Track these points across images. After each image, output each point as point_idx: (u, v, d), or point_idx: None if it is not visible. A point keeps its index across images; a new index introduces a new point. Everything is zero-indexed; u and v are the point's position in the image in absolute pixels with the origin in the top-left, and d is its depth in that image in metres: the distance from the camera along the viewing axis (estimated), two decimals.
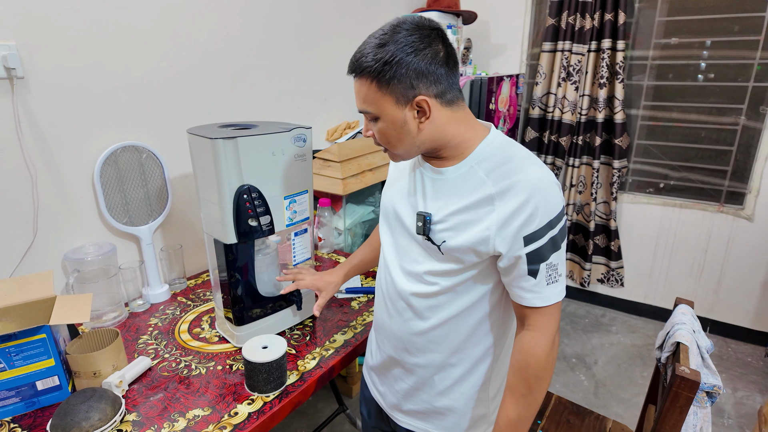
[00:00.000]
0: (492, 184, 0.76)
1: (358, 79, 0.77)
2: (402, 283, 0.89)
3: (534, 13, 2.72)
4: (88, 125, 1.27)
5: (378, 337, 1.00)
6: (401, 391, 0.96)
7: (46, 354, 0.93)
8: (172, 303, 1.38)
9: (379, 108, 0.77)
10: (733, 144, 2.38)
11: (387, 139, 0.81)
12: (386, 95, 0.75)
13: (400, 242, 0.90)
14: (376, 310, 1.00)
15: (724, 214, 2.44)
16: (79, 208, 1.29)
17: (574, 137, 2.65)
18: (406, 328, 0.90)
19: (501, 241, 0.76)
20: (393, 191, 0.93)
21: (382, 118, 0.78)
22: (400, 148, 0.81)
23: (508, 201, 0.75)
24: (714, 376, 1.02)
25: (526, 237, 0.75)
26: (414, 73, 0.73)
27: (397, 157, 0.85)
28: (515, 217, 0.74)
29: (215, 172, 1.01)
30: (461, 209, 0.79)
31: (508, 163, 0.77)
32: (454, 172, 0.81)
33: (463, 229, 0.78)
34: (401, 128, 0.78)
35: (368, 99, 0.77)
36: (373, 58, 0.74)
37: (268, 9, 1.74)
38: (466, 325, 0.86)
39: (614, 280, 2.78)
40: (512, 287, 0.80)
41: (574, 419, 1.38)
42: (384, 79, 0.74)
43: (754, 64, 2.25)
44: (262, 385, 0.98)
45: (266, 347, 1.00)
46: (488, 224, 0.76)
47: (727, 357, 2.43)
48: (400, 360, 0.94)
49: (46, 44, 1.16)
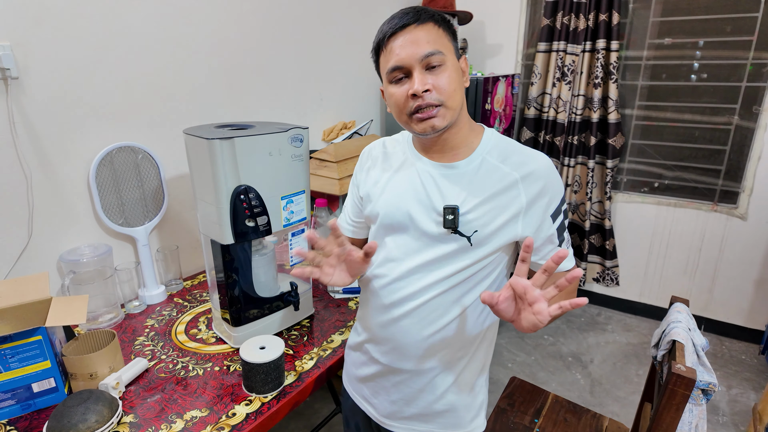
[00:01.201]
0: (513, 170, 0.81)
1: (421, 25, 0.78)
2: (411, 287, 0.85)
3: (529, 14, 2.74)
4: (84, 126, 1.27)
5: (372, 349, 0.94)
6: (402, 398, 0.92)
7: (42, 356, 0.92)
8: (168, 304, 1.38)
9: (448, 51, 0.79)
10: (726, 143, 2.40)
11: (452, 86, 0.79)
12: (450, 43, 0.81)
13: (413, 246, 0.85)
14: (371, 323, 0.93)
15: (718, 213, 2.46)
16: (75, 209, 1.29)
17: (569, 137, 2.66)
18: (413, 331, 0.86)
19: (528, 223, 0.81)
20: (393, 198, 0.87)
21: (449, 63, 0.79)
22: (458, 99, 0.80)
23: (531, 185, 0.80)
24: (709, 373, 1.03)
25: (552, 215, 0.83)
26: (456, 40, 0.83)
27: (446, 119, 0.79)
28: (540, 199, 0.81)
29: (212, 172, 1.00)
30: (490, 197, 0.81)
31: (516, 152, 0.83)
32: (467, 165, 0.83)
33: (495, 216, 0.81)
34: (460, 78, 0.81)
35: (439, 42, 0.78)
36: (435, 11, 0.80)
37: (265, 9, 1.74)
38: (472, 316, 0.86)
39: (609, 279, 2.80)
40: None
41: (570, 418, 1.38)
42: (450, 30, 0.81)
43: (746, 64, 2.27)
44: (260, 385, 0.98)
45: (264, 348, 1.00)
46: (518, 207, 0.81)
47: (721, 355, 2.44)
48: (401, 368, 0.90)
49: (41, 45, 1.15)
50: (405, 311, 0.87)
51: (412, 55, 0.77)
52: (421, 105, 0.78)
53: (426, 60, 0.77)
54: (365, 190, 0.95)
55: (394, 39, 0.79)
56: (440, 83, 0.78)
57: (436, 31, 0.78)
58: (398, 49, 0.78)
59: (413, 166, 0.87)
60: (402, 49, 0.78)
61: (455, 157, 0.84)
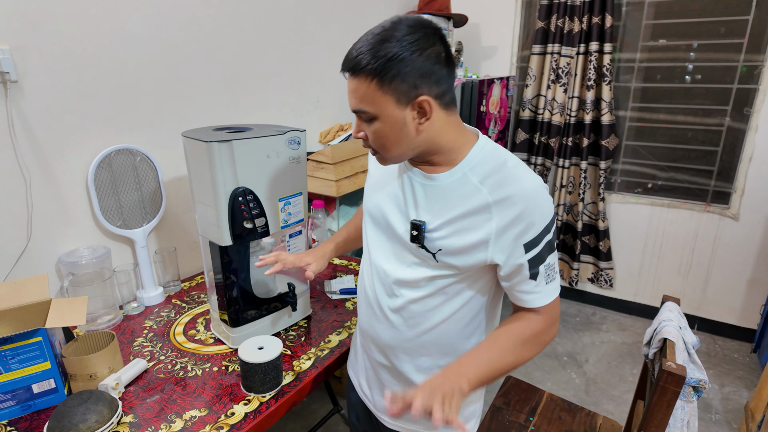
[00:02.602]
0: (488, 192, 0.76)
1: (356, 77, 0.73)
2: (394, 288, 0.88)
3: (523, 16, 2.76)
4: (82, 129, 1.28)
5: (364, 341, 0.99)
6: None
7: (42, 357, 0.93)
8: (166, 305, 1.39)
9: (378, 107, 0.73)
10: (718, 144, 2.43)
11: (383, 141, 0.77)
12: (387, 94, 0.72)
13: (393, 248, 0.88)
14: (361, 316, 0.98)
15: (711, 213, 2.49)
16: (74, 212, 1.30)
17: (564, 138, 2.69)
18: (397, 333, 0.89)
19: (499, 249, 0.77)
20: (380, 197, 0.90)
21: (381, 119, 0.74)
22: (395, 150, 0.78)
23: (505, 210, 0.75)
24: (700, 370, 1.05)
25: (526, 244, 0.76)
26: (417, 72, 0.70)
27: (387, 161, 0.82)
28: (513, 226, 0.75)
29: (210, 174, 1.02)
30: (457, 217, 0.78)
31: (501, 171, 0.77)
32: (446, 179, 0.80)
33: (460, 237, 0.78)
34: (400, 129, 0.75)
35: (367, 98, 0.73)
36: (374, 55, 0.70)
37: (261, 12, 1.75)
38: (456, 327, 0.87)
39: (603, 280, 2.82)
40: (514, 291, 0.82)
41: (565, 416, 1.40)
42: (386, 78, 0.70)
43: (738, 66, 2.30)
44: (258, 385, 0.99)
45: (262, 348, 1.01)
46: (486, 232, 0.76)
47: (714, 353, 2.47)
48: (389, 365, 0.94)
49: (40, 48, 1.16)
50: (385, 313, 0.90)
51: (350, 105, 0.77)
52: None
53: (357, 114, 0.77)
54: (366, 184, 0.99)
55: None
56: (370, 135, 0.78)
57: (367, 87, 0.72)
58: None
59: (403, 172, 0.87)
60: (348, 94, 0.78)
61: (437, 169, 0.81)
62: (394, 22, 0.72)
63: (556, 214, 2.80)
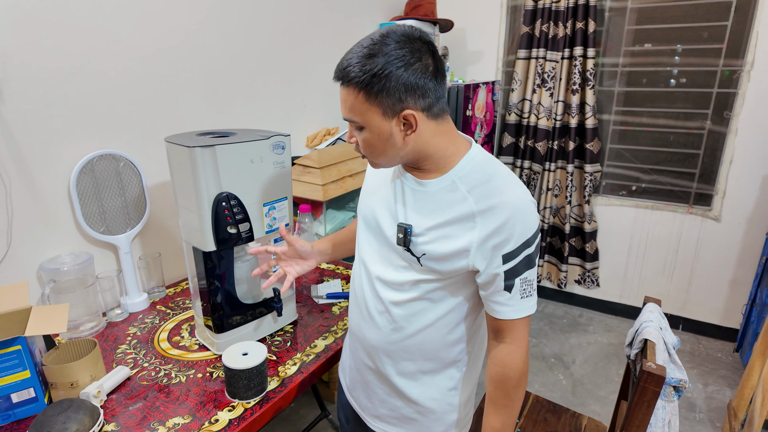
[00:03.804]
0: (474, 201, 0.78)
1: (345, 87, 0.76)
2: (380, 290, 0.89)
3: (509, 21, 2.79)
4: (64, 134, 1.26)
5: (352, 343, 1.01)
6: (375, 397, 0.97)
7: (22, 366, 0.92)
8: (151, 312, 1.38)
9: (365, 118, 0.76)
10: (700, 147, 2.48)
11: (371, 149, 0.80)
12: (373, 107, 0.74)
13: (382, 250, 0.89)
14: (351, 316, 1.00)
15: (693, 215, 2.53)
16: (55, 218, 1.28)
17: (550, 142, 2.72)
18: (381, 335, 0.90)
19: (480, 257, 0.78)
20: (374, 200, 0.92)
21: (368, 129, 0.77)
22: (382, 158, 0.81)
23: (489, 220, 0.76)
24: (680, 370, 1.06)
25: (504, 255, 0.77)
26: (403, 86, 0.72)
27: (377, 166, 0.85)
28: (495, 236, 0.77)
29: (193, 180, 1.01)
30: (443, 224, 0.79)
31: (489, 182, 0.79)
32: (436, 185, 0.81)
33: (443, 244, 0.79)
34: (386, 140, 0.77)
35: (354, 109, 0.76)
36: (361, 69, 0.72)
37: (247, 17, 1.75)
38: (439, 333, 0.88)
39: (590, 281, 2.85)
40: (488, 301, 0.83)
41: (550, 417, 1.41)
42: (372, 91, 0.73)
43: (717, 70, 2.35)
44: (242, 391, 0.99)
45: (246, 354, 1.01)
46: (469, 240, 0.78)
47: (698, 353, 2.51)
48: (373, 367, 0.94)
49: (21, 52, 1.15)
50: (371, 315, 0.91)
51: (341, 109, 0.80)
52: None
53: (349, 122, 0.80)
54: (364, 186, 1.00)
55: None
56: (360, 142, 0.81)
57: (354, 98, 0.74)
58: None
59: (397, 177, 0.89)
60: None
61: (428, 175, 0.83)
62: (383, 35, 0.74)
63: (542, 227, 2.83)
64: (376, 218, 0.90)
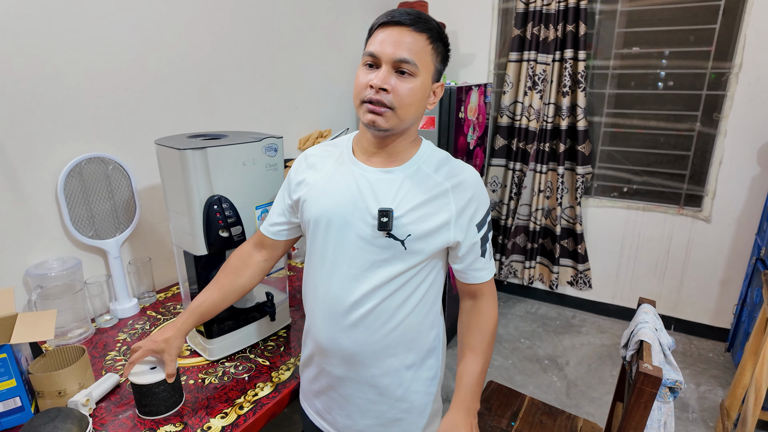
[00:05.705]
0: (444, 179, 0.86)
1: (414, 31, 0.78)
2: (354, 294, 0.85)
3: (500, 24, 2.80)
4: (51, 137, 1.24)
5: (321, 360, 0.94)
6: (356, 410, 0.93)
7: (7, 374, 0.89)
8: (141, 317, 1.35)
9: (423, 68, 0.80)
10: (690, 149, 2.50)
11: (410, 99, 0.80)
12: (432, 64, 0.82)
13: (353, 251, 0.85)
14: (319, 332, 0.92)
15: (684, 216, 2.55)
16: (42, 222, 1.26)
17: (541, 144, 2.73)
18: (362, 338, 0.87)
19: (459, 230, 0.86)
20: (330, 202, 0.87)
21: (419, 78, 0.80)
22: (411, 112, 0.82)
23: (460, 194, 0.86)
24: (675, 371, 1.06)
25: (477, 224, 0.88)
26: (444, 64, 0.86)
27: (389, 123, 0.81)
28: (468, 208, 0.86)
29: (184, 183, 1.00)
30: (422, 203, 0.84)
31: (448, 163, 0.89)
32: (403, 171, 0.87)
33: (426, 221, 0.84)
34: (425, 97, 0.84)
35: (419, 55, 0.79)
36: (439, 30, 0.81)
37: (238, 18, 1.73)
38: (417, 320, 0.90)
39: (582, 282, 2.86)
40: (469, 271, 0.91)
41: (546, 419, 1.41)
42: (439, 50, 0.82)
43: (706, 73, 2.38)
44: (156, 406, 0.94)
45: (155, 368, 0.95)
46: (448, 214, 0.85)
47: (690, 353, 2.52)
48: (354, 376, 0.91)
49: (6, 53, 1.13)
50: (350, 321, 0.87)
51: (388, 52, 0.79)
52: (374, 99, 0.80)
53: (398, 63, 0.79)
54: (301, 194, 0.93)
55: (384, 29, 0.80)
56: (400, 90, 0.79)
57: (424, 46, 0.80)
58: (381, 40, 0.80)
59: (350, 171, 0.87)
60: (384, 43, 0.79)
61: (393, 163, 0.87)
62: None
63: (534, 228, 2.84)
64: (342, 218, 0.85)
